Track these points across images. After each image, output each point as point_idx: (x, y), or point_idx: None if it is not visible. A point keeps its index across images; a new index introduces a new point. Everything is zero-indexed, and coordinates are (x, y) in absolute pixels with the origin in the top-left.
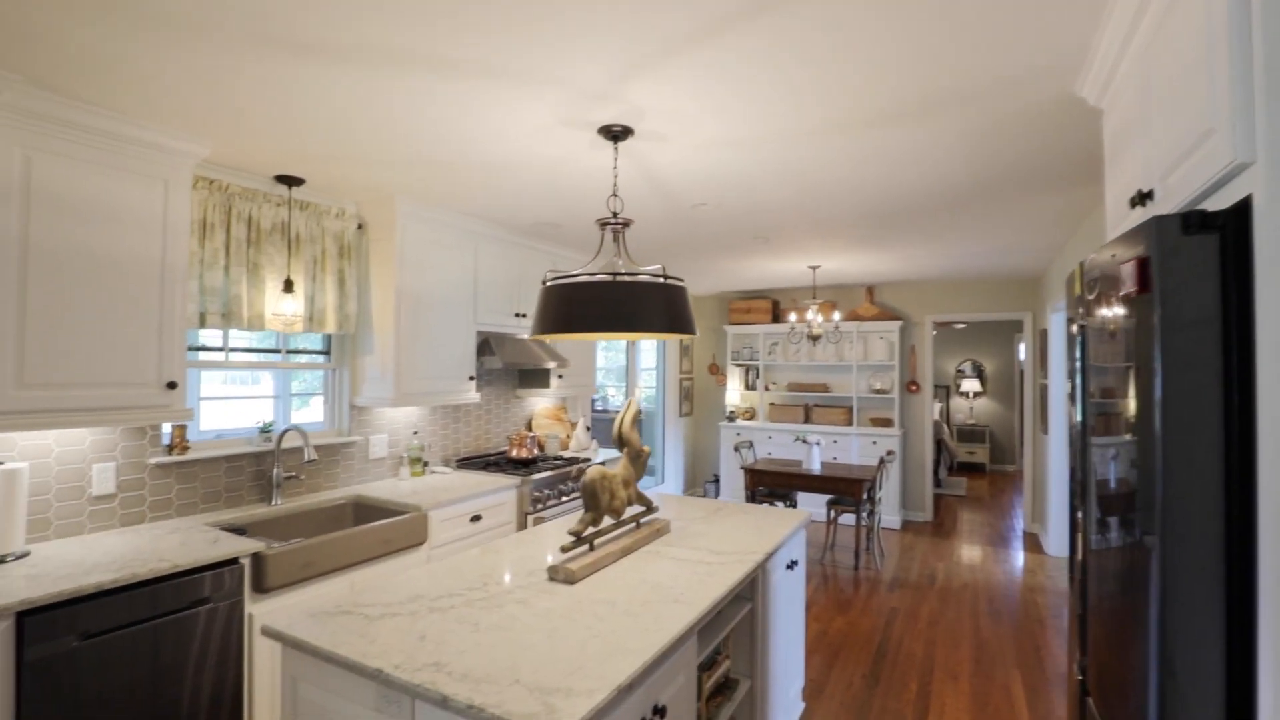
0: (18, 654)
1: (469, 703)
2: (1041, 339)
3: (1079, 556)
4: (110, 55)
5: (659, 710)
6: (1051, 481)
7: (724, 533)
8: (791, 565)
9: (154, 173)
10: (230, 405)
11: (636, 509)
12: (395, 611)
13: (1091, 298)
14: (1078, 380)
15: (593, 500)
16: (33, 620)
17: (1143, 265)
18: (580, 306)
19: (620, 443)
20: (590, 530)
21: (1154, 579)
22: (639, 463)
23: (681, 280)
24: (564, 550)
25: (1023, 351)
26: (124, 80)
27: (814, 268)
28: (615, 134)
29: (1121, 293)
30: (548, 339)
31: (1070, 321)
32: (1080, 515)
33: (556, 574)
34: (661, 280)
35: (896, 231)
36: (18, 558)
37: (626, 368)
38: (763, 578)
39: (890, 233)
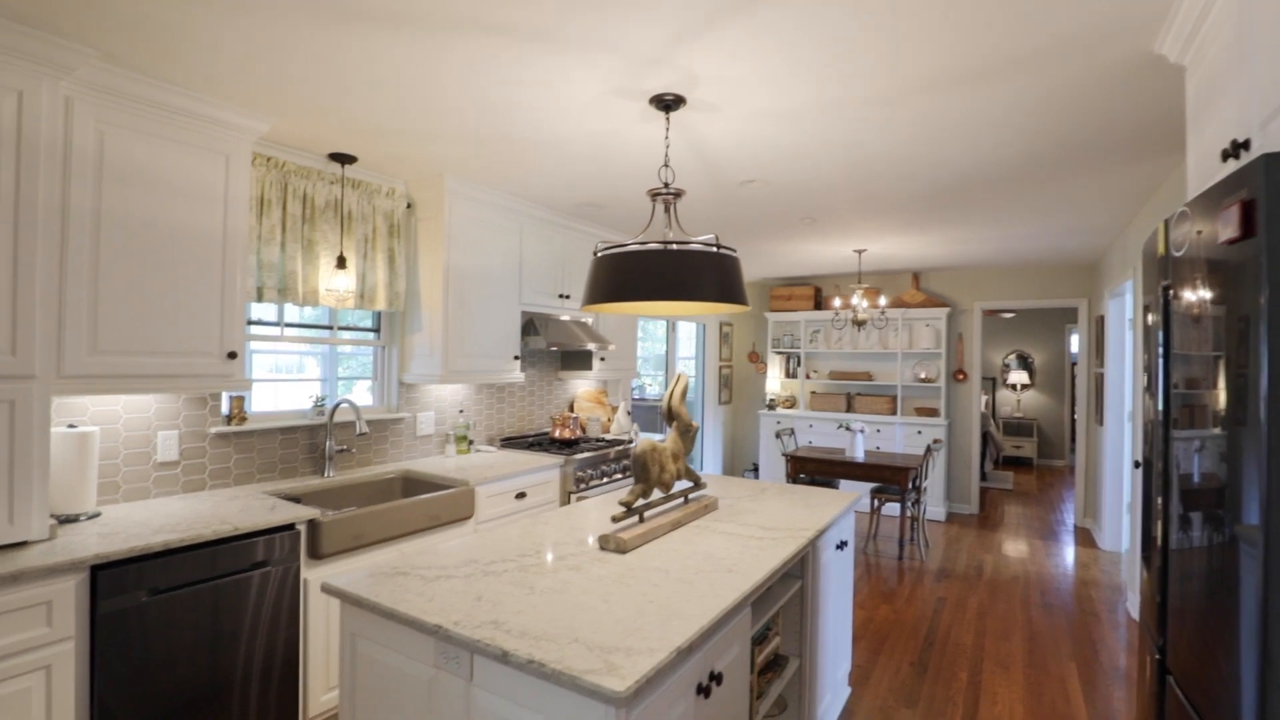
0: (92, 606)
1: (529, 657)
2: (1097, 326)
3: (1156, 546)
4: (173, 24)
5: (715, 677)
6: (1106, 474)
7: (773, 510)
8: (841, 545)
9: (216, 147)
10: (279, 390)
11: (685, 484)
12: (450, 574)
13: (1179, 254)
14: (1159, 366)
15: (643, 472)
16: (105, 574)
17: (1247, 208)
18: (632, 275)
19: (669, 417)
20: (640, 501)
21: (1252, 574)
22: (688, 438)
23: (734, 250)
24: (615, 520)
25: (1075, 342)
26: (188, 53)
27: (860, 252)
28: (667, 103)
29: (1221, 239)
30: (597, 309)
31: (1147, 310)
32: (1161, 507)
33: (608, 543)
34: (714, 249)
35: (948, 212)
36: (90, 517)
37: (666, 355)
38: (813, 555)
39: (941, 213)
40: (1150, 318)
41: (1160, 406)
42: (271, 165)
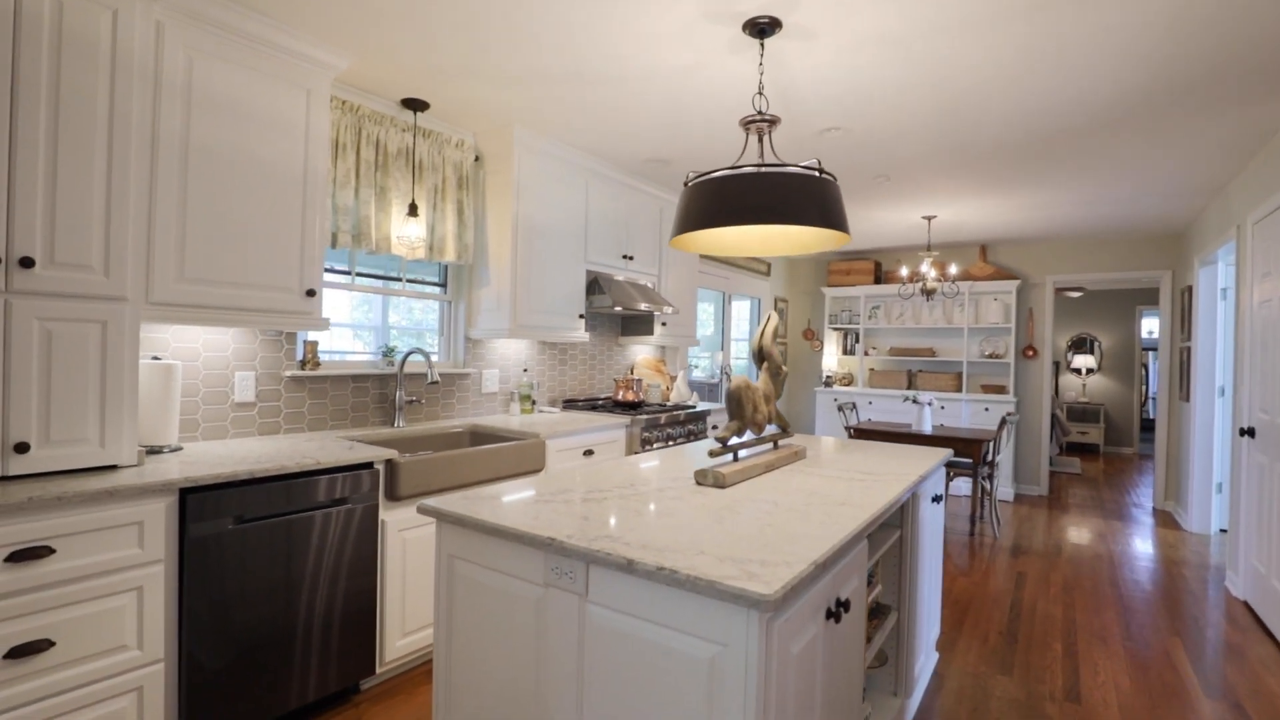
0: (181, 529)
1: (658, 564)
2: (1183, 299)
3: None
4: None
5: (843, 604)
6: (1194, 453)
7: (864, 459)
8: (937, 499)
9: (299, 81)
10: (343, 343)
11: (773, 430)
12: (549, 499)
13: None
14: None
15: (738, 408)
16: (194, 498)
17: None
18: (730, 199)
19: (759, 358)
20: (735, 440)
21: None
22: (778, 380)
23: (834, 176)
24: (712, 455)
25: (1146, 326)
26: None
27: (929, 218)
28: (761, 27)
29: None
30: (687, 244)
31: None
32: None
33: (705, 478)
34: (816, 174)
35: (1035, 164)
36: (172, 450)
37: (721, 331)
38: (913, 504)
39: (1027, 166)
40: None
41: None
42: (347, 109)
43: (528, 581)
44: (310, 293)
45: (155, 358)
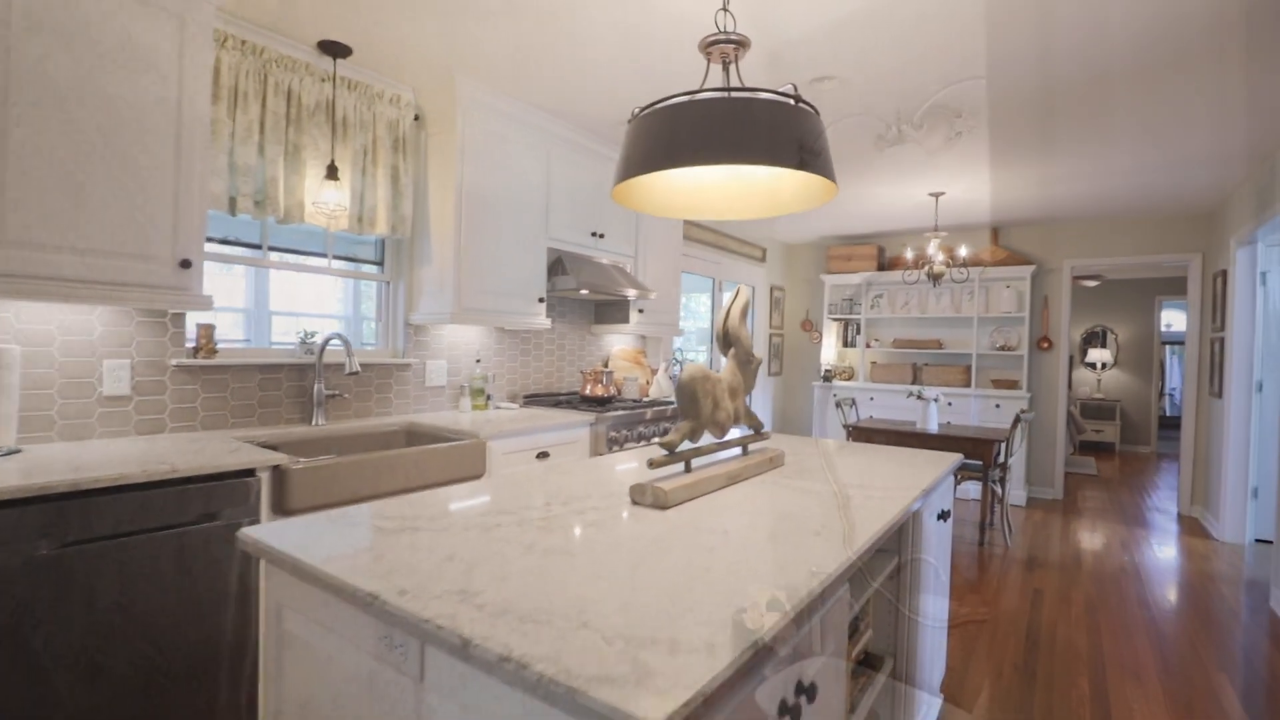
0: None
1: (503, 653)
2: (1215, 285)
3: None
4: None
5: (806, 690)
6: (1228, 454)
7: (857, 467)
8: (943, 515)
9: (167, 5)
10: (260, 324)
11: (742, 431)
12: (417, 526)
13: None
14: None
15: (691, 405)
16: None
17: None
18: (685, 131)
19: (725, 343)
20: (687, 445)
21: None
22: (749, 371)
23: (816, 109)
24: (652, 466)
25: (1166, 318)
26: None
27: (936, 195)
28: None
29: None
30: (633, 199)
31: None
32: None
33: (643, 495)
34: (792, 101)
35: (1054, 126)
36: (7, 454)
37: (712, 324)
38: (913, 525)
39: (1045, 128)
40: None
41: None
42: (247, 50)
43: (359, 649)
44: (185, 264)
45: None
